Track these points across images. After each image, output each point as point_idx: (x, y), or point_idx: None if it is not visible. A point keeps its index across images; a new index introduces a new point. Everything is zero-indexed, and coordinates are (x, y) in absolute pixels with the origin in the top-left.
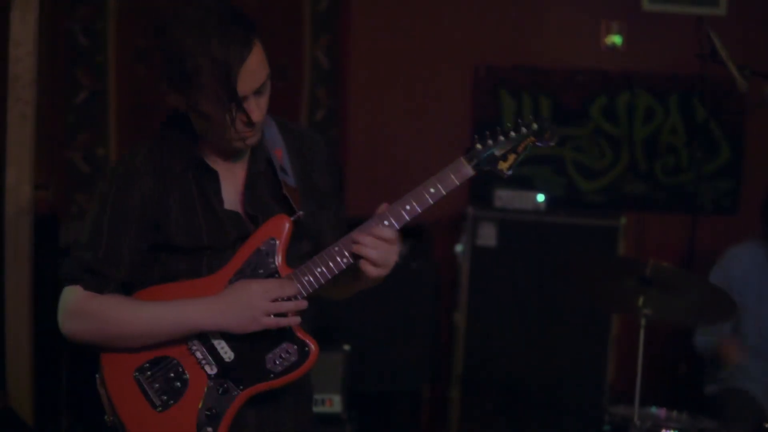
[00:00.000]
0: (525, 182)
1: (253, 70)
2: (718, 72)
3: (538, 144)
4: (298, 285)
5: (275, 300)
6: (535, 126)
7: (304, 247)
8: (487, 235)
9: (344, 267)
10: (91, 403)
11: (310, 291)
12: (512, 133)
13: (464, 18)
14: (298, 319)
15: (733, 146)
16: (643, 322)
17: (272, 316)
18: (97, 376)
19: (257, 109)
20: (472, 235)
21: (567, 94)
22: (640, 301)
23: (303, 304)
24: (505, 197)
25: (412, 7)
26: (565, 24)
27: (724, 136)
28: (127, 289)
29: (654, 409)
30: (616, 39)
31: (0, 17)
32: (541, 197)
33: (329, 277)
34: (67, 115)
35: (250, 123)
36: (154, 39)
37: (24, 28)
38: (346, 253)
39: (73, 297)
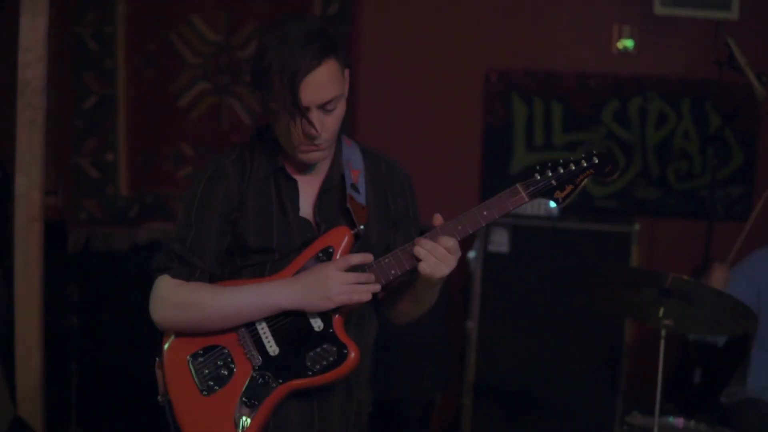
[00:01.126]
0: None
1: (320, 84)
2: (731, 76)
3: (597, 178)
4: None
5: (350, 282)
6: (596, 160)
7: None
8: (500, 241)
9: (410, 266)
10: (101, 413)
11: (382, 282)
12: (572, 166)
13: (475, 22)
14: (369, 296)
15: (746, 151)
16: (663, 333)
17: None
18: (156, 359)
19: (320, 124)
20: (485, 241)
21: (579, 99)
22: (661, 312)
23: (376, 287)
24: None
25: (422, 11)
26: (577, 28)
27: (736, 141)
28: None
29: (671, 419)
30: (628, 43)
31: (9, 22)
32: (553, 203)
33: (397, 273)
34: (76, 120)
35: (311, 135)
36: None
37: (34, 34)
38: (412, 254)
39: (162, 285)
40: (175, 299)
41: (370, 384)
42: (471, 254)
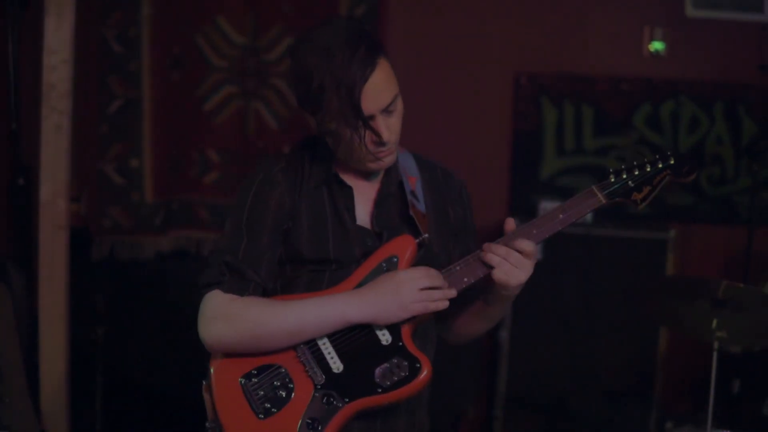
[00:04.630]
0: (568, 193)
1: (378, 89)
2: (765, 80)
3: (675, 179)
4: None
5: (423, 288)
6: (672, 161)
7: None
8: None
9: (481, 275)
10: (127, 426)
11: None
12: (648, 167)
13: (505, 25)
14: (446, 303)
15: None
16: (716, 345)
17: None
18: (204, 382)
19: (386, 128)
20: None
21: (610, 103)
22: (714, 323)
23: (452, 292)
24: (549, 209)
25: (451, 13)
26: (608, 31)
27: None
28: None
29: None
30: (659, 46)
31: (34, 23)
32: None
33: (471, 281)
34: (100, 125)
35: (380, 142)
36: (290, 60)
37: (59, 36)
38: (484, 262)
39: (214, 301)
40: (229, 316)
41: (428, 406)
42: None
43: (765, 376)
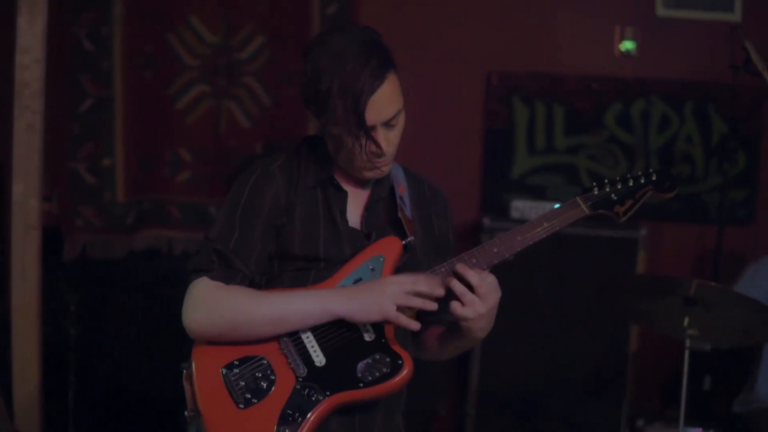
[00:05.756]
0: (539, 192)
1: (384, 102)
2: (735, 79)
3: (657, 194)
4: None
5: (407, 293)
6: (654, 176)
7: None
8: None
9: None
10: (99, 425)
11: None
12: (631, 182)
13: (477, 24)
14: (434, 305)
15: (749, 155)
16: (687, 343)
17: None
18: (184, 371)
19: (385, 140)
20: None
21: (581, 102)
22: (685, 321)
23: (433, 305)
24: (521, 208)
25: (423, 13)
26: (579, 30)
27: (740, 144)
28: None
29: (689, 429)
30: (630, 45)
31: (5, 22)
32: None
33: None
34: (72, 124)
35: (379, 153)
36: (304, 60)
37: (32, 34)
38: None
39: (199, 287)
40: (213, 302)
41: (404, 408)
42: None
43: (735, 373)
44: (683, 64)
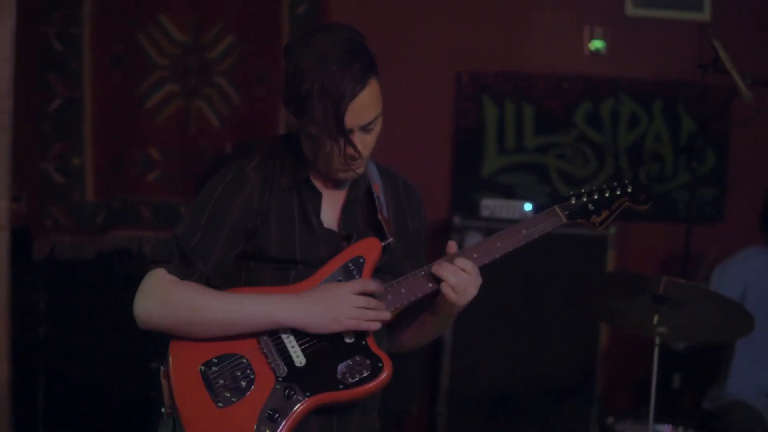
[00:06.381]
0: (509, 191)
1: (364, 107)
2: (704, 78)
3: (632, 206)
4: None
5: (360, 307)
6: (630, 188)
7: (387, 280)
8: None
9: (428, 291)
10: (69, 426)
11: (391, 309)
12: (607, 192)
13: (446, 24)
14: (378, 325)
15: (718, 153)
16: (657, 341)
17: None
18: (161, 368)
19: (362, 144)
20: (459, 246)
21: (551, 101)
22: (655, 319)
23: (386, 315)
24: (491, 206)
25: (393, 12)
26: (549, 30)
27: (709, 143)
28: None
29: (659, 426)
30: (599, 44)
31: None
32: (528, 206)
33: (412, 299)
34: (41, 123)
35: (355, 157)
36: (284, 57)
37: (0, 34)
38: (432, 279)
39: (155, 278)
40: (164, 295)
41: (378, 410)
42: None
43: (705, 370)
44: (652, 64)
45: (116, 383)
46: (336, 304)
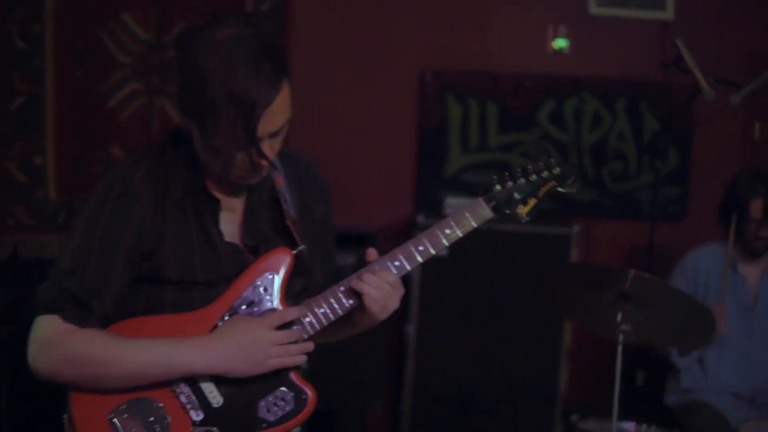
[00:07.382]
0: (473, 189)
1: (276, 114)
2: (667, 76)
3: (559, 189)
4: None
5: (282, 344)
6: (557, 170)
7: (297, 284)
8: None
9: (349, 308)
10: (32, 427)
11: (311, 333)
12: (533, 176)
13: (410, 22)
14: (304, 358)
15: (681, 152)
16: (621, 338)
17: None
18: (64, 415)
19: (270, 150)
20: None
21: (515, 100)
22: (618, 316)
23: (309, 346)
24: (455, 205)
25: (357, 11)
26: (512, 28)
27: (672, 141)
28: (108, 320)
29: (622, 424)
30: (563, 43)
31: None
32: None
33: (332, 318)
34: (3, 122)
35: (262, 165)
36: (176, 51)
37: None
38: (353, 295)
39: (50, 329)
40: (66, 351)
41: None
42: None
43: (667, 367)
44: (616, 62)
45: None
46: (255, 347)
